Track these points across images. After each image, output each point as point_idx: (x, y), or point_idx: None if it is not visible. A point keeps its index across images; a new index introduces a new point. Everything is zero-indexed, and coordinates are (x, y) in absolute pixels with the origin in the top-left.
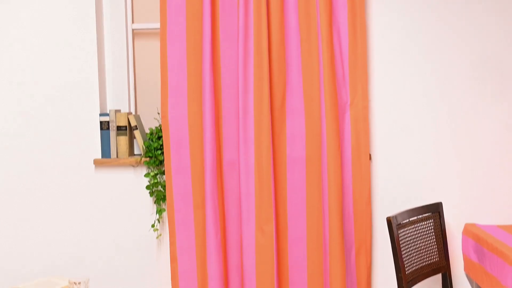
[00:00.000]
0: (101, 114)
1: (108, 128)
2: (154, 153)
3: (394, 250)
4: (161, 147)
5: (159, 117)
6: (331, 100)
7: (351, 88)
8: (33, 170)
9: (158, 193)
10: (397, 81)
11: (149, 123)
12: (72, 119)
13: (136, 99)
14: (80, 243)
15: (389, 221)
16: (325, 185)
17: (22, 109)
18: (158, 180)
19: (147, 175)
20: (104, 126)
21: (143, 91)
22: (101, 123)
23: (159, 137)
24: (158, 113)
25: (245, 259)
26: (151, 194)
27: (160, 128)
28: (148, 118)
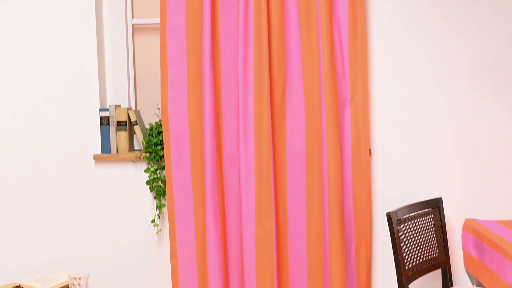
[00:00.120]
0: (101, 110)
1: (108, 123)
2: (154, 149)
3: (394, 246)
4: (161, 143)
5: (159, 112)
6: (331, 96)
7: (351, 84)
8: (33, 166)
9: (158, 189)
10: (397, 77)
11: (149, 119)
12: (72, 115)
13: (136, 94)
14: (80, 239)
15: (389, 217)
16: (325, 181)
17: (22, 105)
18: (158, 175)
19: (147, 170)
20: (104, 122)
21: (143, 87)
22: (101, 118)
23: (159, 133)
24: (158, 109)
25: (245, 254)
26: (151, 189)
27: (160, 123)
28: (148, 113)
